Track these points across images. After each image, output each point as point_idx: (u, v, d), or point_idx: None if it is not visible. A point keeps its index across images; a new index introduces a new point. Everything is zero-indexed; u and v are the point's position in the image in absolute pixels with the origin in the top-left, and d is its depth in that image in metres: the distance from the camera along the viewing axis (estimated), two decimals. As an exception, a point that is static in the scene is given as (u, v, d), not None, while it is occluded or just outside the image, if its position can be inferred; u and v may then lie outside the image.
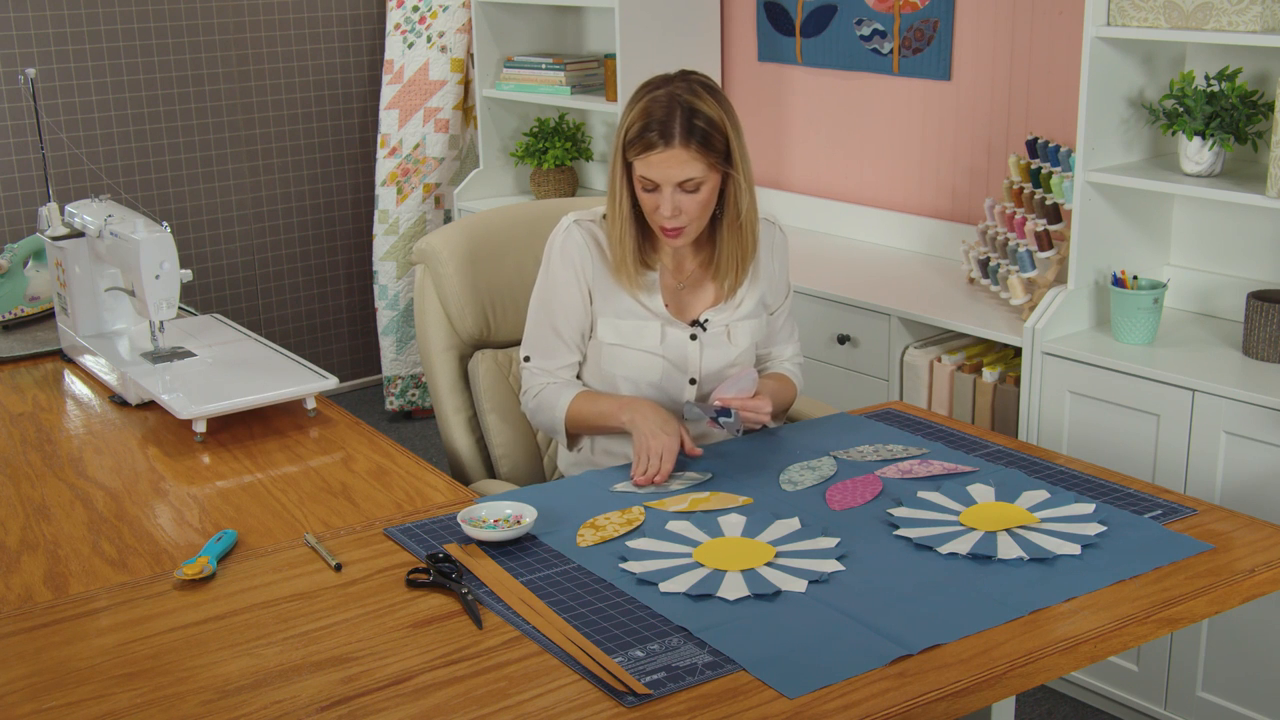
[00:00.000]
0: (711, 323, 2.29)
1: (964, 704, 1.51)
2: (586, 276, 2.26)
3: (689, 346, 2.27)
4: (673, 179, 2.12)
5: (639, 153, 2.12)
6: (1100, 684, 2.92)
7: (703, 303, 2.30)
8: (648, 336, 2.26)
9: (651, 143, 2.11)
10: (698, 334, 2.28)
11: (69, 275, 2.74)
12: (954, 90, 3.62)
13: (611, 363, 2.28)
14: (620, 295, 2.26)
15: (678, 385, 2.29)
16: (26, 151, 4.31)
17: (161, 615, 1.73)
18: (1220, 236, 3.02)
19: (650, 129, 2.11)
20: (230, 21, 4.62)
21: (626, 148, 2.15)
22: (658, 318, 2.26)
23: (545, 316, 2.30)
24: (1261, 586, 1.78)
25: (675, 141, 2.10)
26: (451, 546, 1.88)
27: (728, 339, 2.30)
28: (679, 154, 2.10)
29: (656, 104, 2.12)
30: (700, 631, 1.63)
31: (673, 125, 2.10)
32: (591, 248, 2.26)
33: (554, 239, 2.29)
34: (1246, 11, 2.57)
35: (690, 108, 2.11)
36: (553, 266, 2.28)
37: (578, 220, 2.28)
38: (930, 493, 2.02)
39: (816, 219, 4.03)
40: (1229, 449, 2.62)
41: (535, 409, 2.32)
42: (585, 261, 2.26)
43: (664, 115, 2.10)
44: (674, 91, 2.13)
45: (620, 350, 2.27)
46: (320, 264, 5.01)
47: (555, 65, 4.35)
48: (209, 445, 2.35)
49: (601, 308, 2.27)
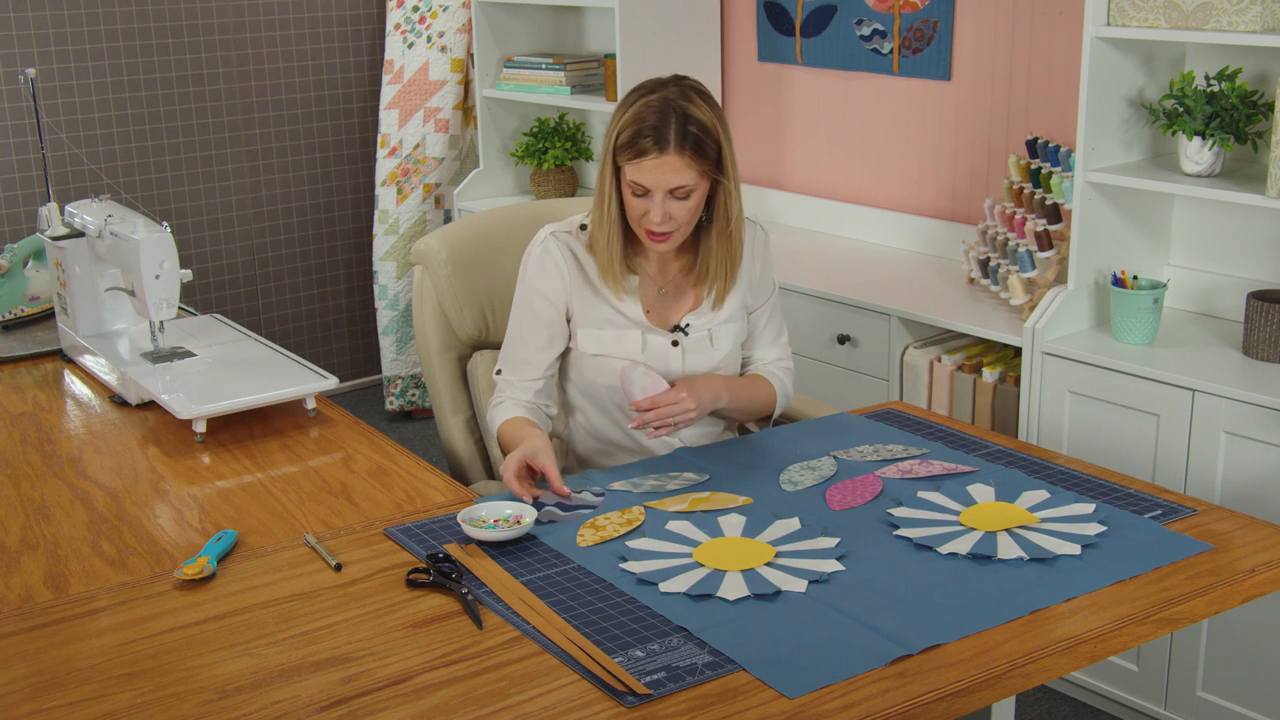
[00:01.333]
0: (693, 328, 2.27)
1: (964, 704, 1.51)
2: (565, 289, 2.24)
3: (670, 353, 2.26)
4: (665, 185, 2.09)
5: (631, 158, 2.09)
6: (1100, 684, 2.92)
7: (684, 308, 2.28)
8: (628, 345, 2.24)
9: (645, 148, 2.08)
10: (679, 340, 2.26)
11: (69, 275, 2.74)
12: (954, 90, 3.62)
13: (594, 372, 2.27)
14: (599, 305, 2.24)
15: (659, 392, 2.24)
16: (26, 151, 4.31)
17: (161, 615, 1.73)
18: (1220, 236, 3.02)
19: (644, 134, 2.08)
20: (230, 21, 4.62)
21: (618, 152, 2.12)
22: (637, 325, 2.25)
23: (516, 329, 2.29)
24: (1261, 586, 1.78)
25: (670, 148, 2.07)
26: (451, 546, 1.88)
27: (710, 343, 2.28)
28: (672, 160, 2.08)
29: (650, 109, 2.09)
30: (700, 631, 1.63)
31: (667, 131, 2.07)
32: (569, 260, 2.24)
33: (530, 253, 2.27)
34: (1246, 11, 2.57)
35: (684, 113, 2.08)
36: (529, 280, 2.26)
37: (554, 233, 2.26)
38: (930, 493, 2.02)
39: (816, 219, 4.03)
40: (1229, 449, 2.62)
41: (490, 420, 2.31)
42: (562, 274, 2.23)
43: (658, 121, 2.08)
44: (667, 96, 2.10)
45: (602, 360, 2.26)
46: (320, 264, 5.01)
47: (555, 65, 4.35)
48: (209, 445, 2.35)
49: (581, 319, 2.25)
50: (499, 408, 2.28)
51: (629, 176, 2.11)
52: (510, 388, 2.28)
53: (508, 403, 2.27)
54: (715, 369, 2.29)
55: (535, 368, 2.28)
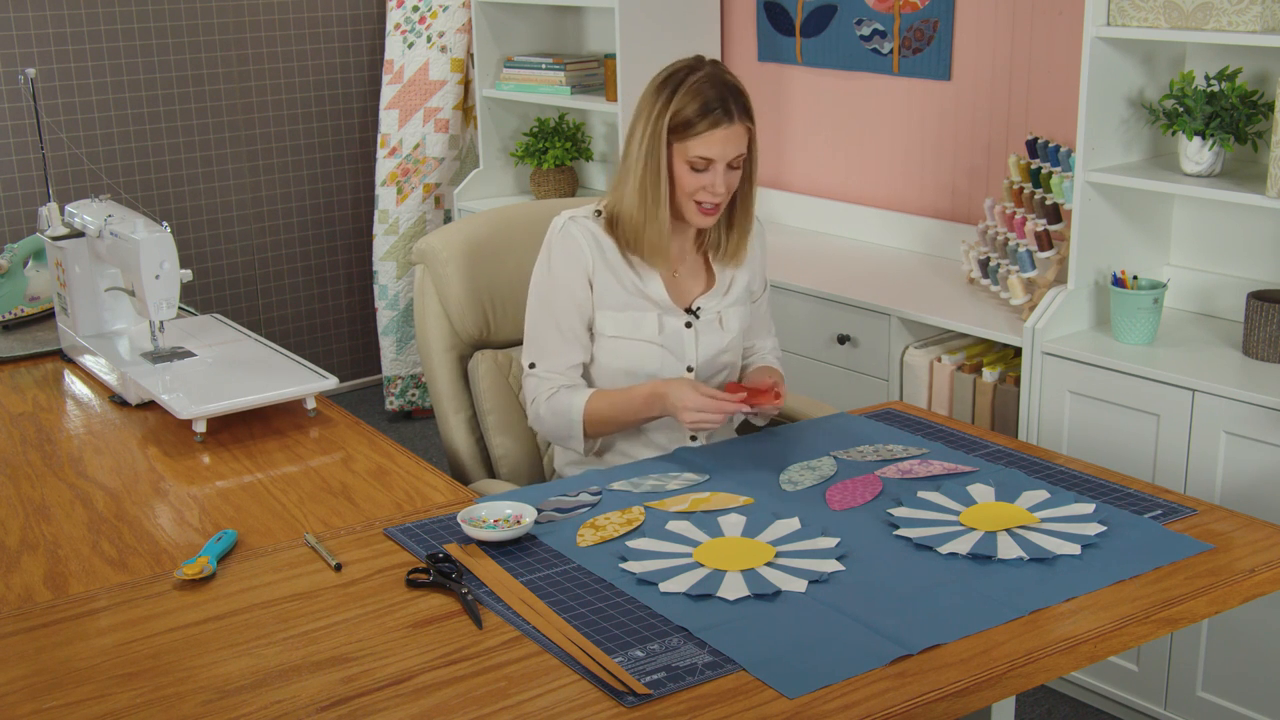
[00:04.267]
0: (704, 309, 2.32)
1: (964, 704, 1.51)
2: (588, 271, 2.27)
3: (685, 334, 2.30)
4: (728, 155, 2.19)
5: (701, 132, 2.17)
6: (1100, 684, 2.92)
7: (694, 291, 2.34)
8: (646, 327, 2.28)
9: (716, 120, 2.17)
10: (692, 321, 2.31)
11: (69, 275, 2.74)
12: (954, 90, 3.62)
13: (610, 355, 2.30)
14: (617, 289, 2.28)
15: (674, 373, 2.30)
16: (26, 151, 4.31)
17: (161, 615, 1.73)
18: (1220, 236, 3.02)
19: (711, 108, 2.16)
20: (230, 21, 4.62)
21: (677, 131, 2.18)
22: (656, 307, 2.28)
23: (548, 316, 2.30)
24: (1261, 586, 1.78)
25: (735, 118, 2.18)
26: (451, 546, 1.88)
27: (720, 325, 2.34)
28: (737, 130, 2.19)
29: (706, 84, 2.18)
30: (700, 631, 1.63)
31: (730, 103, 2.18)
32: (591, 243, 2.27)
33: (552, 238, 2.30)
34: (1246, 11, 2.57)
35: (734, 86, 2.20)
36: (555, 264, 2.29)
37: (573, 217, 2.30)
38: (930, 493, 2.02)
39: (816, 219, 4.03)
40: (1229, 449, 2.62)
41: (546, 414, 2.29)
42: (587, 256, 2.27)
43: (719, 95, 2.17)
44: (713, 73, 2.20)
45: (619, 342, 2.29)
46: (320, 264, 5.01)
47: (555, 65, 4.35)
48: (209, 445, 2.35)
49: (600, 301, 2.29)
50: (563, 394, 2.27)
51: (694, 152, 2.18)
52: (551, 377, 2.29)
53: (563, 391, 2.28)
54: (724, 350, 2.35)
55: (575, 349, 2.30)
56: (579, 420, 2.26)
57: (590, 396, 2.26)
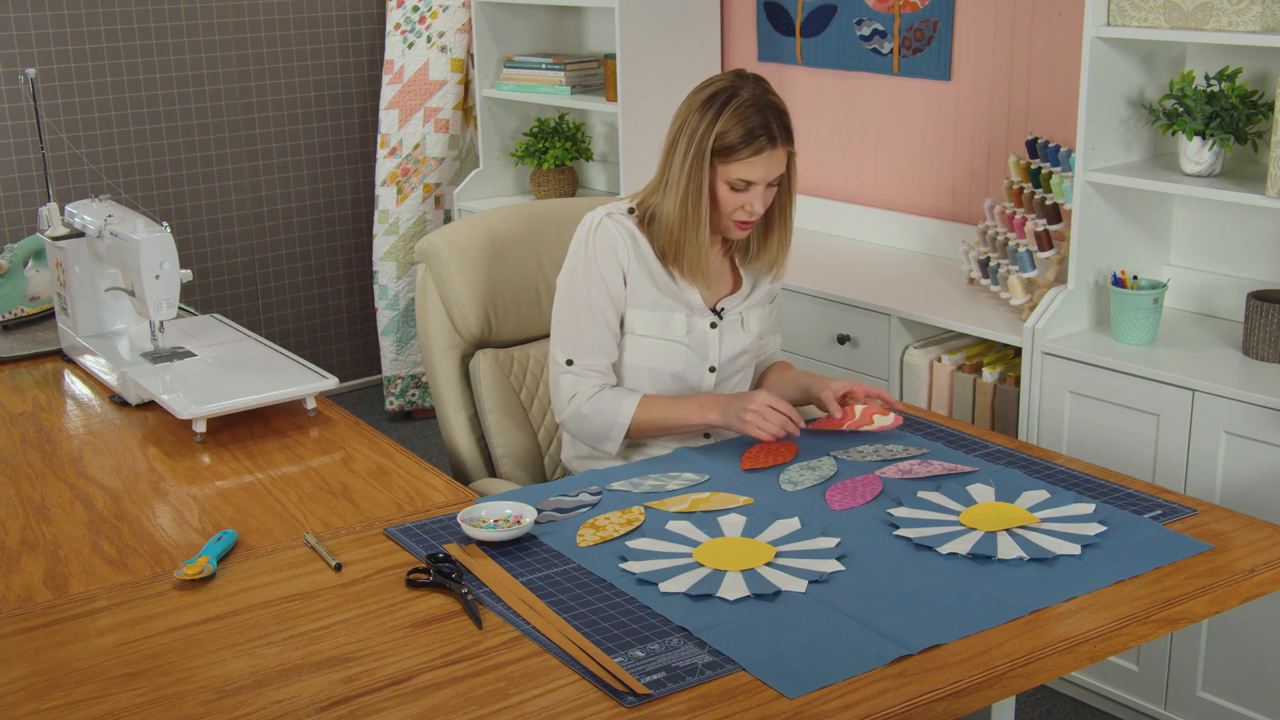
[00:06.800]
0: (728, 311, 2.34)
1: (964, 704, 1.51)
2: (624, 268, 2.28)
3: (710, 335, 2.32)
4: (770, 177, 2.21)
5: (747, 156, 2.17)
6: (1100, 684, 2.92)
7: (720, 291, 2.36)
8: (674, 327, 2.30)
9: (761, 147, 2.17)
10: (717, 322, 2.33)
11: (69, 275, 2.74)
12: (954, 90, 3.62)
13: (636, 353, 2.31)
14: (650, 288, 2.29)
15: (698, 373, 2.32)
16: (26, 151, 4.31)
17: (161, 615, 1.73)
18: (1220, 236, 3.02)
19: (757, 134, 2.17)
20: (230, 21, 4.62)
21: (721, 154, 2.18)
22: (684, 308, 2.30)
23: (586, 311, 2.28)
24: (1261, 586, 1.78)
25: (778, 143, 2.19)
26: (451, 546, 1.88)
27: (742, 326, 2.36)
28: (779, 153, 2.20)
29: (750, 109, 2.17)
30: (700, 631, 1.63)
31: (774, 128, 2.18)
32: (628, 240, 2.27)
33: (588, 235, 2.28)
34: (1246, 11, 2.57)
35: (777, 108, 2.20)
36: (596, 259, 2.27)
37: (610, 214, 2.29)
38: (930, 493, 2.02)
39: (816, 219, 4.03)
40: (1229, 449, 2.62)
41: (590, 412, 2.28)
42: (624, 253, 2.27)
43: (763, 120, 2.17)
44: (757, 94, 2.19)
45: (647, 341, 2.30)
46: (320, 264, 5.01)
47: (555, 65, 4.35)
48: (209, 445, 2.35)
49: (634, 299, 2.30)
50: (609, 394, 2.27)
51: (736, 175, 2.19)
52: (591, 375, 2.30)
53: (608, 391, 2.28)
54: (744, 350, 2.37)
55: (611, 347, 2.31)
56: (625, 424, 2.26)
57: (640, 401, 2.26)
